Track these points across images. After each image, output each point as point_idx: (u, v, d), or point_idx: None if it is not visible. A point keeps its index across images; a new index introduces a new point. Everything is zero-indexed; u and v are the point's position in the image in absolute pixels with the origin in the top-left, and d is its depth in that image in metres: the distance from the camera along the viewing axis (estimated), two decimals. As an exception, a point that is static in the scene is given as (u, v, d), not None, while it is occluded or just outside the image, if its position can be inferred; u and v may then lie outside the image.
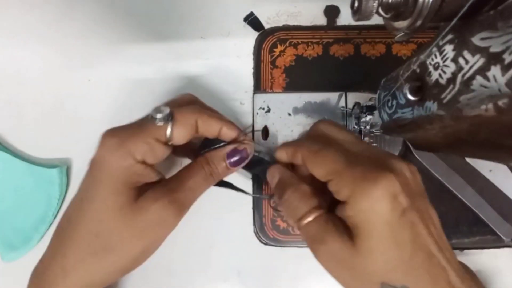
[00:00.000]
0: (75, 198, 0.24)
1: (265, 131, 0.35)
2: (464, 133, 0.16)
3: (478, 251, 0.33)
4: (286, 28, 0.37)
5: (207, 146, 0.27)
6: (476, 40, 0.15)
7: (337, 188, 0.20)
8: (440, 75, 0.17)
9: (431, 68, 0.18)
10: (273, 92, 0.36)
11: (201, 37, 0.38)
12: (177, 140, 0.24)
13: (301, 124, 0.35)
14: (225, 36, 0.38)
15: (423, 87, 0.19)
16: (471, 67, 0.15)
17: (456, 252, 0.30)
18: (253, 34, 0.37)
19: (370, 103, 0.30)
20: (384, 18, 0.17)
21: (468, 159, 0.32)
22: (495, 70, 0.14)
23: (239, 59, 0.37)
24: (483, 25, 0.15)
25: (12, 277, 0.29)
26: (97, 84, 0.37)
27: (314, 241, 0.21)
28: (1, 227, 0.34)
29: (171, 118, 0.23)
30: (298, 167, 0.26)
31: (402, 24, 0.16)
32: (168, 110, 0.22)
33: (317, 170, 0.22)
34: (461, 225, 0.33)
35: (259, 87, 0.36)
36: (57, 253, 0.23)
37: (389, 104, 0.22)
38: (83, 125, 0.36)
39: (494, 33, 0.14)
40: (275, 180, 0.26)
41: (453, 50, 0.17)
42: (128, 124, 0.25)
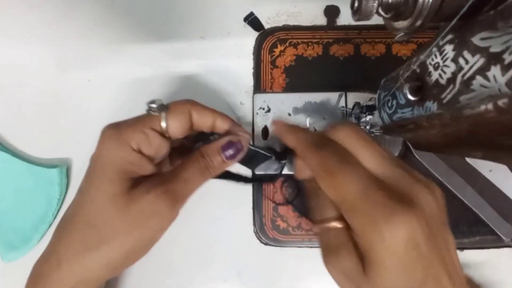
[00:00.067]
0: (77, 191, 0.25)
1: (265, 131, 0.35)
2: (464, 133, 0.16)
3: (478, 251, 0.33)
4: (286, 28, 0.37)
5: (201, 140, 0.27)
6: (476, 40, 0.15)
7: (347, 215, 0.19)
8: (440, 75, 0.17)
9: (431, 68, 0.18)
10: (273, 92, 0.36)
11: (201, 37, 0.38)
12: (172, 130, 0.25)
13: (301, 124, 0.35)
14: (225, 36, 0.38)
15: (423, 87, 0.19)
16: (471, 67, 0.15)
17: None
18: (253, 34, 0.37)
19: (370, 103, 0.30)
20: (384, 18, 0.17)
21: (468, 159, 0.32)
22: (495, 70, 0.14)
23: (239, 59, 0.37)
24: (483, 25, 0.15)
25: (12, 277, 0.29)
26: (97, 84, 0.37)
27: (328, 249, 0.20)
28: (1, 227, 0.34)
29: (166, 108, 0.24)
30: None
31: (402, 24, 0.16)
32: (162, 100, 0.24)
33: (327, 191, 0.20)
34: (461, 225, 0.33)
35: (259, 87, 0.36)
36: (56, 245, 0.24)
37: (389, 104, 0.22)
38: (83, 125, 0.36)
39: (494, 33, 0.14)
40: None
41: (453, 50, 0.17)
42: (127, 118, 0.25)
